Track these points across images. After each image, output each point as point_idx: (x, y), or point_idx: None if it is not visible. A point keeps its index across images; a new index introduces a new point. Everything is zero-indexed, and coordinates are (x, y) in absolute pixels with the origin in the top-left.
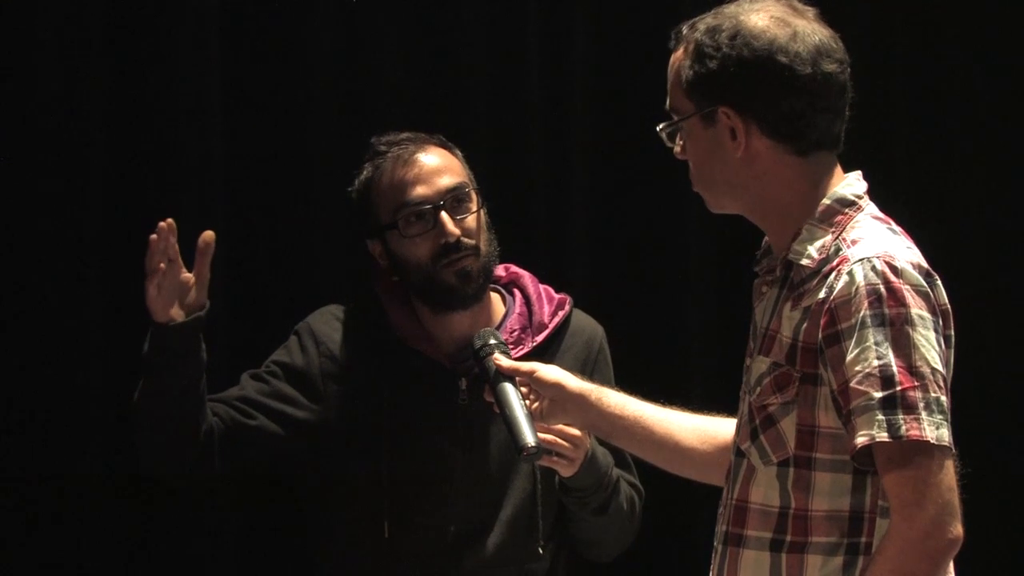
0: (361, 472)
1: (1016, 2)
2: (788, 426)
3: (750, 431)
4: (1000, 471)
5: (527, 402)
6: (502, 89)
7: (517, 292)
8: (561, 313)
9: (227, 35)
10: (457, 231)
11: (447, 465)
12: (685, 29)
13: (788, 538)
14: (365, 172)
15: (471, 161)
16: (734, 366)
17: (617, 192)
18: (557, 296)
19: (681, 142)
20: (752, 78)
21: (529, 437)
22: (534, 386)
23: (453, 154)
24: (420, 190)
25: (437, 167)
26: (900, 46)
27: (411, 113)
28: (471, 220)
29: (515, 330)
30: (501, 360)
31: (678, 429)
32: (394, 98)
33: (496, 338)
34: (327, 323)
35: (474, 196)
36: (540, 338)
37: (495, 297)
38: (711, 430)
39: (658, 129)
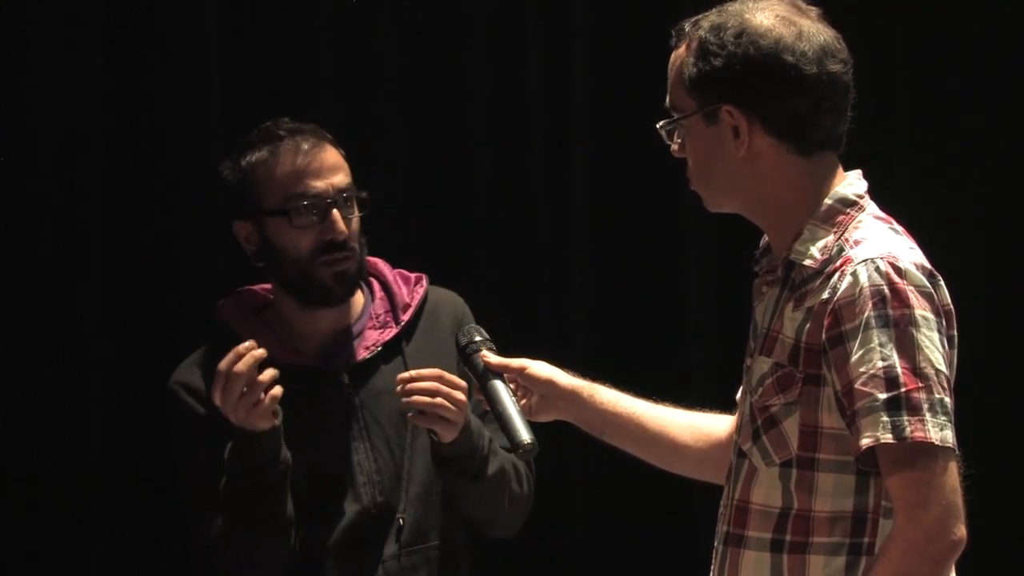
0: None
1: (1016, 2)
2: (791, 427)
3: (752, 432)
4: (1002, 472)
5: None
6: (502, 89)
7: (373, 280)
8: (420, 289)
9: (227, 35)
10: (345, 230)
11: (350, 458)
12: (687, 26)
13: (789, 538)
14: (258, 153)
15: (474, 159)
16: (730, 364)
17: (617, 190)
18: (413, 275)
19: (679, 140)
20: (758, 77)
21: (524, 434)
22: (525, 383)
23: (338, 149)
24: (317, 184)
25: (334, 164)
26: (900, 46)
27: (411, 113)
28: (355, 223)
29: (379, 314)
30: (489, 357)
31: (671, 425)
32: (394, 98)
33: (481, 334)
34: (191, 372)
35: (363, 201)
36: (406, 316)
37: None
38: (705, 427)
39: (657, 127)
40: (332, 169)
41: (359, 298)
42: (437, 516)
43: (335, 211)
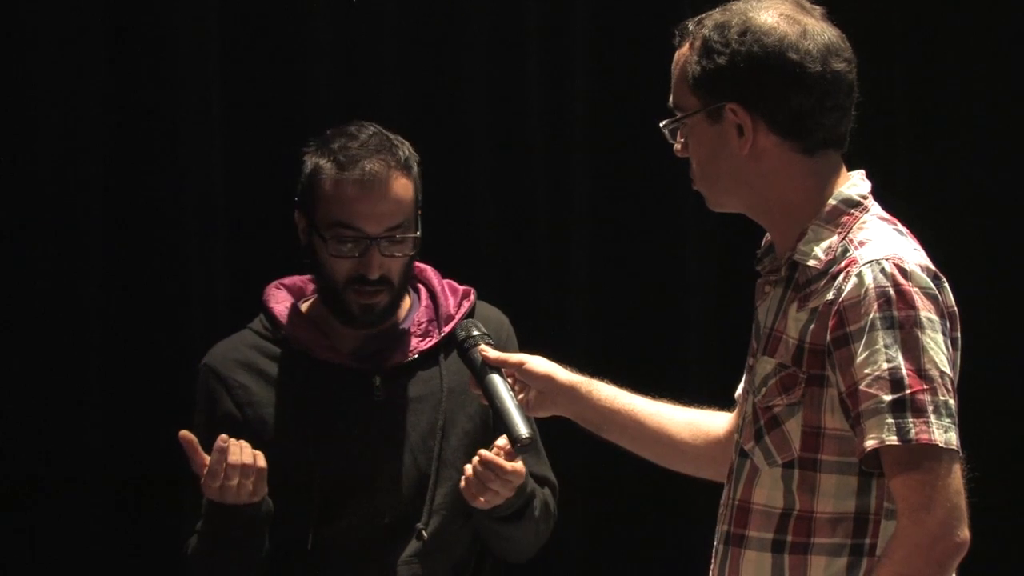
0: (289, 486)
1: (1016, 2)
2: (793, 427)
3: (754, 432)
4: (1005, 474)
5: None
6: (503, 89)
7: (421, 287)
8: (466, 303)
9: (227, 35)
10: (380, 271)
11: (372, 462)
12: (691, 25)
13: (790, 539)
14: (329, 160)
15: (474, 158)
16: (729, 363)
17: (617, 190)
18: (461, 288)
19: (682, 139)
20: (762, 75)
21: (523, 429)
22: (523, 378)
23: (410, 178)
24: (363, 219)
25: (391, 198)
26: (900, 46)
27: (411, 113)
28: (400, 261)
29: (422, 322)
30: (488, 351)
31: (670, 423)
32: (394, 99)
33: (479, 329)
34: (225, 356)
35: (412, 244)
36: (448, 328)
37: None
38: (703, 424)
39: (661, 125)
40: (386, 203)
41: (404, 303)
42: (462, 528)
43: (374, 250)
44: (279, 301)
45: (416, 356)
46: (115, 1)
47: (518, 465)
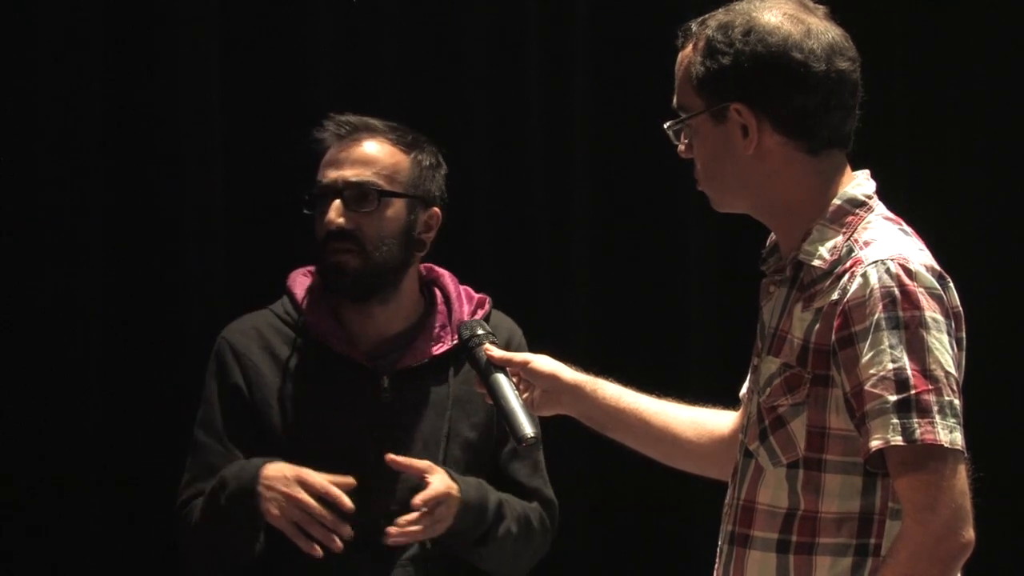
0: None
1: (1016, 2)
2: (798, 427)
3: (759, 432)
4: (1009, 475)
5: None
6: (503, 89)
7: (437, 291)
8: (481, 312)
9: (227, 35)
10: (339, 221)
11: (371, 461)
12: (694, 26)
13: (795, 539)
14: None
15: (474, 158)
16: (731, 362)
17: (617, 190)
18: (477, 296)
19: (687, 140)
20: (766, 74)
21: (528, 428)
22: (528, 377)
23: (401, 151)
24: (329, 174)
25: (357, 158)
26: (900, 46)
27: (411, 113)
28: (366, 218)
29: (435, 327)
30: (492, 350)
31: (674, 421)
32: (394, 99)
33: (484, 328)
34: (243, 334)
35: (378, 198)
36: None
37: (417, 296)
38: (708, 423)
39: (665, 127)
40: (353, 162)
41: (419, 306)
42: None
43: (335, 202)
44: (303, 287)
45: (426, 361)
46: (115, 1)
47: (436, 488)
